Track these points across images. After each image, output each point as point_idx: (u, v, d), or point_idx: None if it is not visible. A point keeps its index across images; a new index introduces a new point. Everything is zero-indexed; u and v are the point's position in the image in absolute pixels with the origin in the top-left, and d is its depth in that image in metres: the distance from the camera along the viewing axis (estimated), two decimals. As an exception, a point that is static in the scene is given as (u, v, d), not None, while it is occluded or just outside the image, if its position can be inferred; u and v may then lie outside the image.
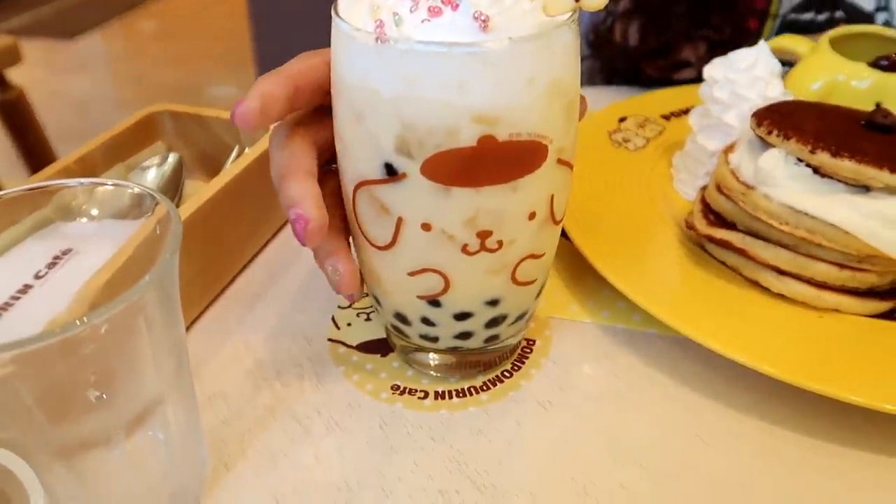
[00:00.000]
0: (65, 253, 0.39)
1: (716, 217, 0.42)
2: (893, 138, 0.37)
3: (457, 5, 0.27)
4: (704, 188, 0.44)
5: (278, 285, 0.45)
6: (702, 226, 0.42)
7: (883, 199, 0.35)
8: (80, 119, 2.77)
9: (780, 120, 0.39)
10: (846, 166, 0.35)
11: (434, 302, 0.33)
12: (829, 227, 0.36)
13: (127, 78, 3.19)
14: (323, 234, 0.31)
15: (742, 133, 0.43)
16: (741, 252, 0.39)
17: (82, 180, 0.32)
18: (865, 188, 0.36)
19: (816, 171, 0.37)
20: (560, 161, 0.31)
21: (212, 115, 0.50)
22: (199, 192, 0.42)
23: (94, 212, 0.41)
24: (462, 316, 0.34)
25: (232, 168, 0.43)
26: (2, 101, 0.90)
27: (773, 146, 0.38)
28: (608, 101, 0.63)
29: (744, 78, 0.46)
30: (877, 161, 0.35)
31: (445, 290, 0.33)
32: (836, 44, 0.50)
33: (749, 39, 0.66)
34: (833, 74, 0.47)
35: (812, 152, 0.36)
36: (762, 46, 0.46)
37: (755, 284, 0.39)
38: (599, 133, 0.55)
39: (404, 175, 0.29)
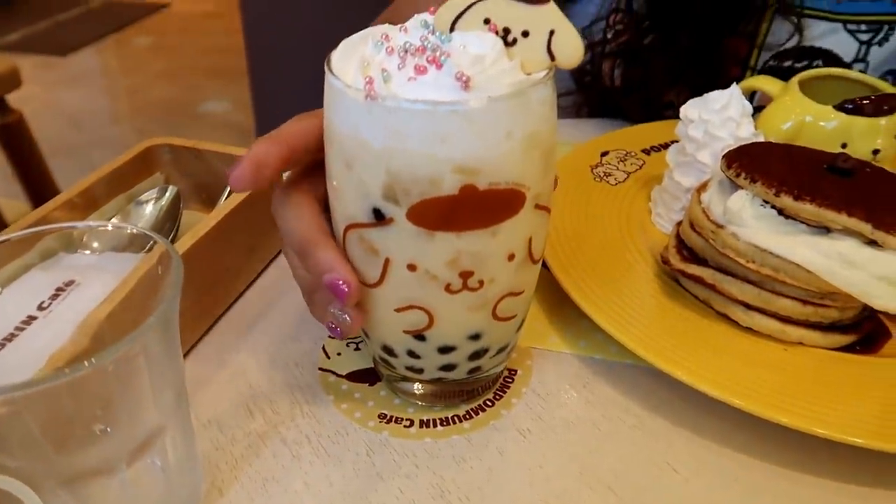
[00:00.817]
0: (68, 284, 0.41)
1: (689, 252, 0.44)
2: (853, 182, 0.39)
3: (441, 65, 0.29)
4: (679, 224, 0.46)
5: (271, 314, 0.47)
6: (675, 261, 0.44)
7: (842, 241, 0.38)
8: (74, 133, 2.79)
9: (748, 163, 0.41)
10: (807, 209, 0.38)
11: (419, 336, 0.35)
12: (793, 265, 0.38)
13: (121, 93, 3.21)
14: (360, 293, 0.33)
15: (714, 172, 0.46)
16: (711, 287, 0.41)
17: (89, 223, 0.34)
18: (826, 229, 0.38)
19: (781, 212, 0.39)
20: (537, 206, 0.33)
21: (208, 148, 0.52)
22: (196, 225, 0.44)
23: (96, 244, 0.43)
24: (446, 349, 0.36)
25: (226, 203, 0.45)
26: (1, 124, 0.92)
27: (741, 188, 0.41)
28: (593, 133, 0.65)
29: (717, 118, 0.48)
30: (836, 205, 0.37)
31: (430, 325, 0.35)
32: (805, 86, 0.52)
33: (730, 85, 0.69)
34: (802, 116, 0.50)
35: (776, 195, 0.39)
36: (734, 89, 0.49)
37: (725, 318, 0.42)
38: (582, 167, 0.57)
39: (391, 220, 0.31)
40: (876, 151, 0.49)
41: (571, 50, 0.31)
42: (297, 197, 0.35)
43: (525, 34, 0.31)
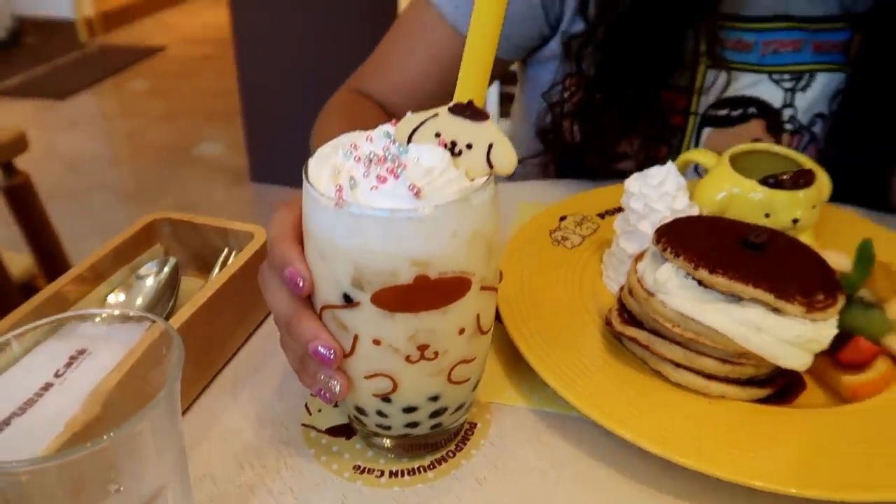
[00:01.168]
0: (80, 352, 0.47)
1: (629, 315, 0.50)
2: (763, 255, 0.46)
3: (398, 175, 0.36)
4: (622, 288, 0.52)
5: (259, 375, 0.52)
6: (617, 323, 0.50)
7: (751, 308, 0.43)
8: (73, 177, 2.85)
9: (674, 238, 0.47)
10: (720, 282, 0.44)
11: (385, 399, 0.41)
12: (711, 330, 0.44)
13: (119, 136, 3.28)
14: (342, 359, 0.39)
15: (649, 244, 0.52)
16: (646, 347, 0.47)
17: (102, 312, 0.40)
18: (738, 298, 0.44)
19: (700, 283, 0.45)
20: (483, 288, 0.39)
21: (203, 222, 0.58)
22: (193, 296, 0.49)
23: (105, 314, 0.49)
24: (409, 409, 0.42)
25: (220, 276, 0.51)
26: (9, 186, 0.98)
27: (668, 261, 0.47)
28: (558, 194, 0.72)
29: (655, 193, 0.55)
30: (745, 277, 0.43)
31: (394, 389, 0.40)
32: (737, 159, 0.59)
33: (676, 133, 0.75)
34: (731, 188, 0.56)
35: (695, 269, 0.45)
36: (670, 166, 0.55)
37: (658, 374, 0.47)
38: (542, 232, 0.63)
39: (358, 303, 0.37)
40: (795, 220, 0.55)
41: (507, 160, 0.37)
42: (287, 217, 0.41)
43: (469, 146, 0.37)
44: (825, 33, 0.72)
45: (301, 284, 0.39)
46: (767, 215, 0.55)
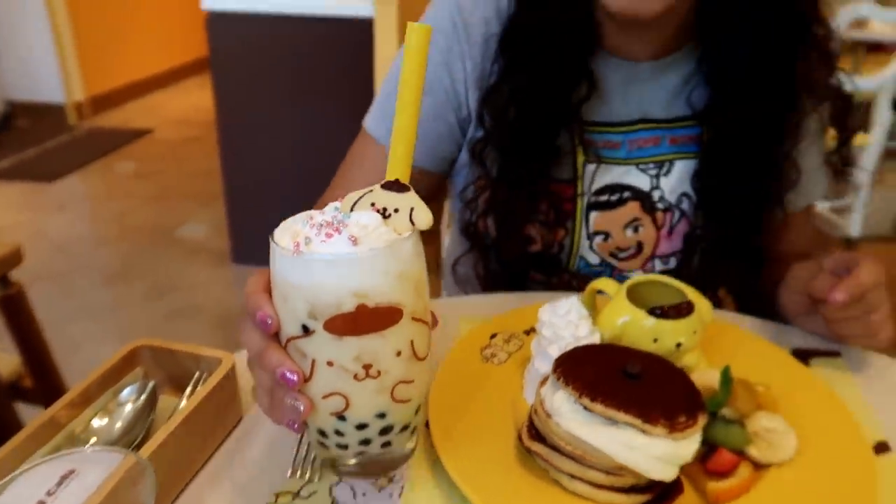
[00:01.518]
0: (70, 473, 0.55)
1: (535, 431, 0.59)
2: (639, 383, 0.56)
3: (341, 231, 0.47)
4: (532, 407, 0.62)
5: (226, 482, 0.61)
6: (525, 438, 0.59)
7: (625, 430, 0.53)
8: (60, 259, 2.93)
9: (567, 368, 0.57)
10: (599, 408, 0.54)
11: (340, 417, 0.51)
12: (595, 448, 0.54)
13: (105, 217, 3.38)
14: (304, 380, 0.49)
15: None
16: (547, 461, 0.57)
17: (86, 451, 0.49)
18: (615, 421, 0.54)
19: (586, 408, 0.55)
20: (414, 318, 0.50)
21: (179, 348, 0.68)
22: (166, 423, 0.58)
23: (94, 440, 0.58)
24: (361, 426, 0.52)
25: (189, 402, 0.60)
26: (3, 296, 1.07)
27: (561, 388, 0.57)
28: (495, 308, 0.82)
29: (561, 321, 0.65)
30: (619, 404, 0.53)
31: (347, 407, 0.50)
32: (635, 289, 0.70)
33: (569, 218, 0.89)
34: (626, 316, 0.67)
35: (580, 397, 0.54)
36: (574, 299, 0.66)
37: (558, 484, 0.57)
38: (473, 350, 0.73)
39: (314, 331, 0.48)
40: (679, 344, 0.65)
41: (425, 219, 0.49)
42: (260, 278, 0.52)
43: (396, 210, 0.49)
44: (679, 129, 0.87)
45: (269, 322, 0.50)
46: (655, 340, 0.65)
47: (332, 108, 2.53)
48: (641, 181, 0.88)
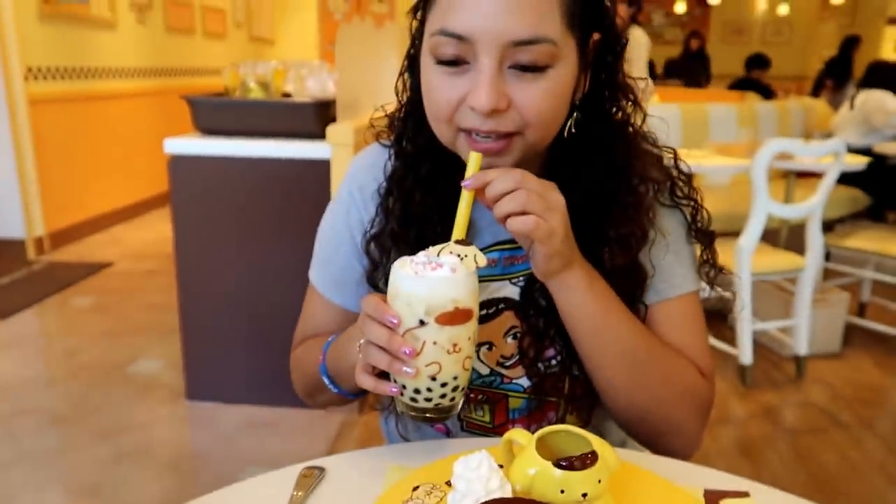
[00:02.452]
0: None
1: (445, 591, 0.60)
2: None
3: (443, 266, 0.75)
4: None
5: None
6: None
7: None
8: (3, 401, 2.84)
9: (472, 527, 0.59)
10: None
11: (433, 378, 0.77)
12: None
13: (56, 355, 3.32)
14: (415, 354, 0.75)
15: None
16: None
17: None
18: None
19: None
20: (475, 319, 0.78)
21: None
22: None
23: None
24: (443, 384, 0.78)
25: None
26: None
27: (467, 548, 0.59)
28: (423, 456, 0.84)
29: (473, 475, 0.68)
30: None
31: (439, 371, 0.76)
32: (544, 439, 0.73)
33: None
34: (534, 468, 0.70)
35: (482, 557, 0.57)
36: (484, 454, 0.69)
37: None
38: (395, 503, 0.75)
39: (427, 323, 0.75)
40: (584, 495, 0.68)
41: (483, 260, 0.78)
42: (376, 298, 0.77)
43: (466, 256, 0.77)
44: None
45: (395, 321, 0.75)
46: (562, 491, 0.68)
47: (290, 246, 2.60)
48: (514, 292, 0.95)
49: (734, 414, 2.88)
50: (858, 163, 3.44)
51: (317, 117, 2.55)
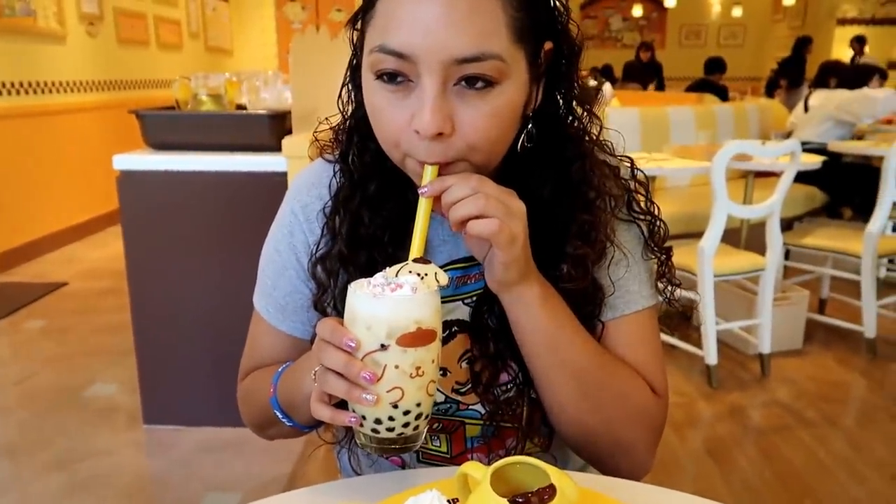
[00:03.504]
0: None
1: None
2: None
3: (403, 286, 0.70)
4: None
5: None
6: None
7: None
8: (-52, 435, 2.71)
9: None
10: None
11: (395, 406, 0.71)
12: None
13: (7, 382, 3.19)
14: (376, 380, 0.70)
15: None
16: None
17: None
18: None
19: None
20: (439, 339, 0.73)
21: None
22: None
23: None
24: (406, 412, 0.72)
25: None
26: None
27: None
28: (373, 492, 0.79)
29: (427, 515, 0.64)
30: None
31: (402, 397, 0.71)
32: (501, 472, 0.69)
33: None
34: None
35: None
36: (435, 492, 0.65)
37: None
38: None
39: (388, 346, 0.70)
40: (545, 532, 0.64)
41: (444, 278, 0.74)
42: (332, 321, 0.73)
43: (426, 274, 0.74)
44: None
45: (353, 344, 0.69)
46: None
47: (246, 261, 2.51)
48: (467, 313, 0.91)
49: (702, 415, 2.89)
50: (814, 162, 3.49)
51: (272, 129, 2.49)
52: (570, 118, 0.88)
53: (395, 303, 0.70)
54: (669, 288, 0.92)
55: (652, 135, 4.21)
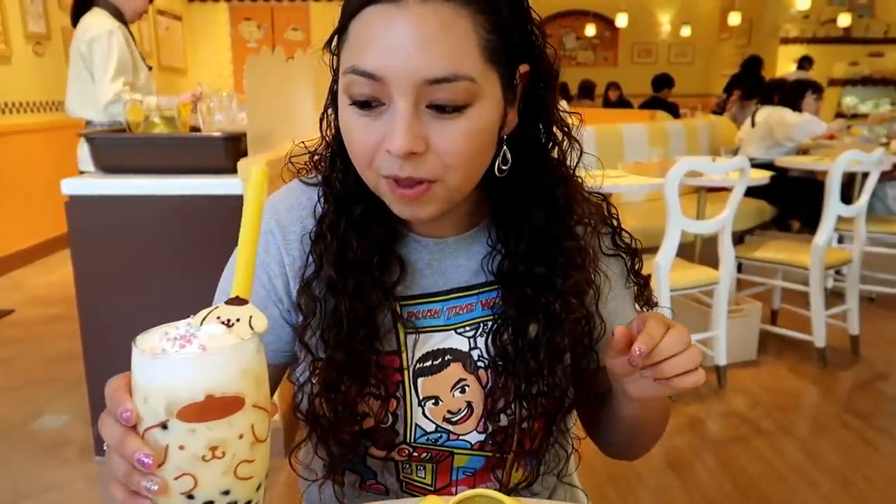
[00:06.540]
0: None
1: None
2: None
3: (192, 341, 0.56)
4: None
5: None
6: None
7: None
8: None
9: None
10: None
11: (190, 496, 0.56)
12: None
13: (-49, 415, 3.04)
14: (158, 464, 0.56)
15: None
16: None
17: None
18: None
19: None
20: (255, 406, 0.57)
21: None
22: None
23: None
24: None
25: None
26: None
27: None
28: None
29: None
30: None
31: (195, 486, 0.56)
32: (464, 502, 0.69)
33: (398, 388, 0.89)
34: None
35: None
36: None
37: None
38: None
39: (168, 420, 0.55)
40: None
41: (261, 324, 0.59)
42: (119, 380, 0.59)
43: (238, 320, 0.59)
44: (486, 293, 0.91)
45: (127, 416, 0.56)
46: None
47: (202, 286, 2.46)
48: (461, 343, 0.91)
49: (661, 429, 2.92)
50: (763, 177, 3.59)
51: (226, 151, 2.45)
52: (550, 143, 0.89)
53: (171, 367, 0.55)
54: (647, 308, 0.97)
55: (607, 152, 4.29)
